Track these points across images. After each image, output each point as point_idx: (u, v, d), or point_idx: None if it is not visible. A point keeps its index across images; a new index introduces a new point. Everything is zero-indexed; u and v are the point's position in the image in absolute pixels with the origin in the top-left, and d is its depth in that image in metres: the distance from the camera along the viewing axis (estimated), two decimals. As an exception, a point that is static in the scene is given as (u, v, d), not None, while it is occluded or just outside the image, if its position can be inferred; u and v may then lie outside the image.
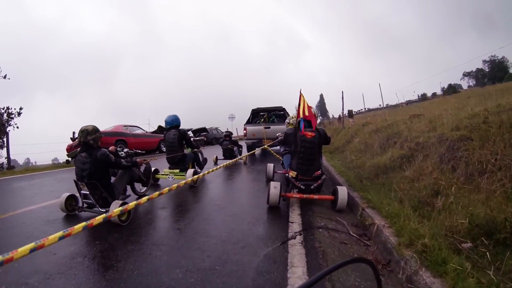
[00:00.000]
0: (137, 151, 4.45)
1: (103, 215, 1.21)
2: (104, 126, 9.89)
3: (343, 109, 11.36)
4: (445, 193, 2.63)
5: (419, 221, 2.34)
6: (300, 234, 2.49)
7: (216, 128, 20.21)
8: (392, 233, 2.29)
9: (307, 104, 3.34)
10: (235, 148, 7.75)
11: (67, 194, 3.24)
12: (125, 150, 4.11)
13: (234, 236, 2.50)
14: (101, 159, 2.94)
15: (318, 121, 5.10)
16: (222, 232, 2.60)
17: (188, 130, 15.95)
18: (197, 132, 16.69)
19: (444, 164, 3.09)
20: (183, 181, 2.13)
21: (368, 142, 6.07)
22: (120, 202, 2.91)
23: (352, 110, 10.89)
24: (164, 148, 12.27)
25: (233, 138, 8.12)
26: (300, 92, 3.39)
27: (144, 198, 1.65)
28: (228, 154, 7.64)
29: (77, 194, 3.24)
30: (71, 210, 3.24)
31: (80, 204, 3.22)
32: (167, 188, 1.92)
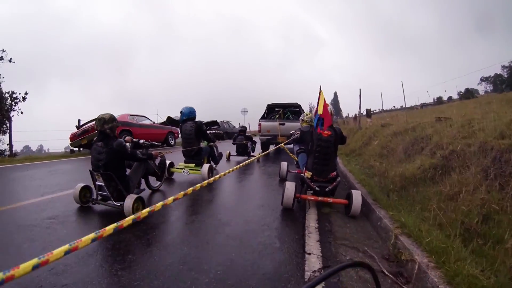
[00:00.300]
0: (153, 142, 4.28)
1: (114, 225, 1.10)
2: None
3: (360, 108, 10.80)
4: (497, 220, 2.17)
5: (475, 260, 1.84)
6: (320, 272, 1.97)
7: (228, 122, 19.58)
8: (442, 279, 1.71)
9: (325, 102, 3.21)
10: (249, 144, 7.53)
11: (82, 184, 3.17)
12: (141, 141, 3.99)
13: (232, 273, 1.88)
14: (117, 149, 2.88)
15: (333, 119, 4.78)
16: (218, 266, 1.97)
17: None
18: (207, 125, 16.18)
19: (490, 180, 2.59)
20: (205, 181, 1.97)
21: (390, 145, 5.60)
22: (135, 196, 2.83)
23: (370, 109, 10.10)
24: (173, 141, 11.48)
25: (247, 134, 7.92)
26: (320, 88, 3.26)
27: (170, 199, 1.47)
28: (242, 150, 7.44)
29: (92, 185, 3.17)
30: (85, 202, 3.16)
31: (95, 196, 3.14)
32: (191, 189, 1.69)
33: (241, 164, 2.79)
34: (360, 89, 10.54)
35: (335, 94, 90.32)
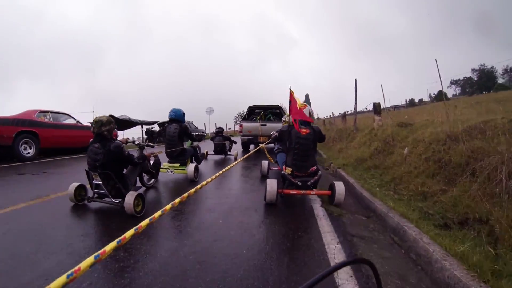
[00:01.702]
0: (148, 144, 4.12)
1: (115, 243, 1.01)
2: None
3: (356, 104, 8.68)
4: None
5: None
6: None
7: (189, 123, 17.21)
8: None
9: (298, 102, 3.36)
10: (226, 144, 7.79)
11: (76, 184, 3.15)
12: (136, 142, 3.99)
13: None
14: (114, 151, 2.88)
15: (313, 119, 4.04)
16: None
17: (154, 122, 13.16)
18: (162, 125, 13.73)
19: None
20: (199, 185, 1.92)
21: (446, 158, 3.35)
22: (136, 193, 2.83)
23: (379, 104, 7.23)
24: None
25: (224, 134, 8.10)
26: (290, 89, 3.37)
27: (177, 200, 1.52)
28: (220, 149, 7.64)
29: (87, 185, 3.18)
30: (80, 200, 3.16)
31: (91, 194, 3.15)
32: (187, 194, 1.69)
33: (225, 169, 2.73)
34: (356, 80, 8.39)
35: (307, 96, 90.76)
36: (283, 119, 4.97)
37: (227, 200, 3.50)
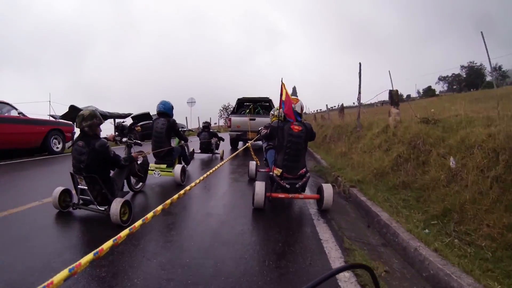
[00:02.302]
0: (137, 141, 3.81)
1: (91, 255, 1.00)
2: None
3: (359, 93, 6.65)
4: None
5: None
6: None
7: None
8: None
9: (288, 96, 3.14)
10: (213, 141, 7.27)
11: (61, 188, 2.85)
12: (124, 139, 3.61)
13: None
14: (99, 151, 2.61)
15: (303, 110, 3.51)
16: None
17: (127, 115, 12.17)
18: (137, 119, 11.97)
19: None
20: (188, 187, 1.84)
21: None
22: (122, 200, 2.59)
23: (397, 92, 5.40)
24: (60, 145, 7.64)
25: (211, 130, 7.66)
26: (282, 81, 3.13)
27: (159, 208, 1.42)
28: (205, 147, 7.16)
29: (72, 189, 2.89)
30: (65, 207, 2.86)
31: (76, 201, 2.86)
32: (183, 191, 1.68)
33: (209, 172, 2.47)
34: (360, 64, 6.83)
35: (294, 88, 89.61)
36: (271, 112, 4.68)
37: (211, 210, 3.18)
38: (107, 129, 17.86)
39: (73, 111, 9.16)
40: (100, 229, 2.51)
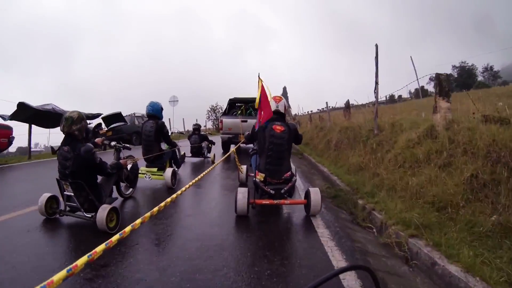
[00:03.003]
0: (126, 145, 3.68)
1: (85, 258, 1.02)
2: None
3: (377, 82, 5.21)
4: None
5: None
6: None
7: (143, 116, 12.50)
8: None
9: (269, 93, 3.10)
10: (203, 144, 7.00)
11: (48, 194, 2.81)
12: (113, 143, 3.57)
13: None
14: (84, 157, 2.53)
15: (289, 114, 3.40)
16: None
17: (95, 116, 10.09)
18: (108, 120, 10.19)
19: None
20: (180, 191, 1.75)
21: None
22: (109, 207, 2.53)
23: (447, 77, 3.75)
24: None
25: (202, 133, 7.40)
26: (259, 76, 3.12)
27: (147, 214, 1.40)
28: (196, 150, 6.93)
29: (59, 195, 2.84)
30: (52, 214, 2.81)
31: (62, 207, 2.82)
32: (170, 198, 1.56)
33: (200, 176, 2.27)
34: (376, 45, 5.35)
35: (284, 89, 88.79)
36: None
37: (201, 215, 3.17)
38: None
39: (23, 110, 7.39)
40: (87, 238, 2.43)
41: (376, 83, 5.38)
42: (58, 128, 2.69)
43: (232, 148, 5.38)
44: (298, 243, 2.43)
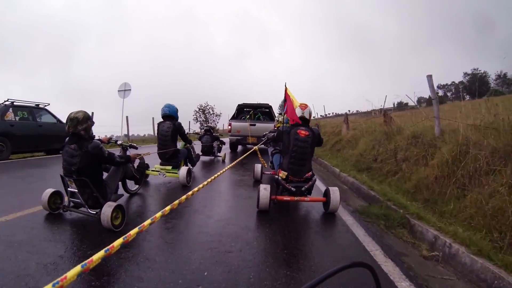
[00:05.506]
0: (132, 144, 3.86)
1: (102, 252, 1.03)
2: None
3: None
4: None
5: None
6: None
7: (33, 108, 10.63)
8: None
9: (294, 100, 3.40)
10: (214, 144, 7.47)
11: (51, 190, 2.79)
12: (119, 142, 3.67)
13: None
14: (93, 153, 2.55)
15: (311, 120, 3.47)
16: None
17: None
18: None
19: None
20: (191, 192, 1.90)
21: None
22: (114, 204, 2.49)
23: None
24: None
25: (214, 134, 7.74)
26: (285, 85, 3.38)
27: (158, 214, 1.40)
28: (207, 149, 7.33)
29: (63, 191, 2.83)
30: (55, 209, 2.81)
31: (66, 203, 2.82)
32: (177, 201, 1.61)
33: (217, 175, 2.61)
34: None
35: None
36: (276, 119, 5.17)
37: (218, 210, 3.22)
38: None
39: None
40: (92, 235, 2.38)
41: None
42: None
43: (253, 148, 5.89)
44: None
